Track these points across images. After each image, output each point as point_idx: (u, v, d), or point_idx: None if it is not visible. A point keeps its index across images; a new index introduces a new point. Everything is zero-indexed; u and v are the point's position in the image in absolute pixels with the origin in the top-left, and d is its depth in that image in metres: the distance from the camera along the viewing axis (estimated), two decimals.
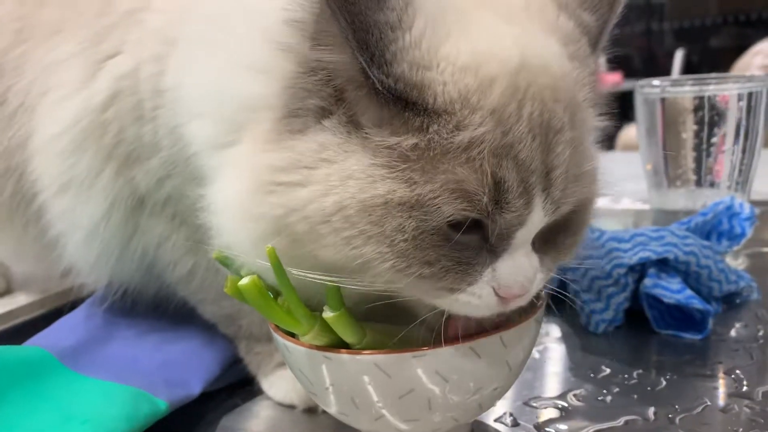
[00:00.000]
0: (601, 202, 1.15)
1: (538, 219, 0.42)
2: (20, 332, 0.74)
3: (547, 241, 0.45)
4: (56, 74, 0.58)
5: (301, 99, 0.41)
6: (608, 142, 0.54)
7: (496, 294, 0.43)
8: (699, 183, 0.95)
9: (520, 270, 0.43)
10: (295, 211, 0.41)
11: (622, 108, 0.54)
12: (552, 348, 0.70)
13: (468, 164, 0.39)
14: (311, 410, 0.60)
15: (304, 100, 0.41)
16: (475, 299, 0.43)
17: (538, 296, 0.51)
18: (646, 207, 1.03)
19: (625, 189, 1.16)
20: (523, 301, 0.45)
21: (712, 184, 0.96)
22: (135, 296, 0.68)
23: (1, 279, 0.86)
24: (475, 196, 0.39)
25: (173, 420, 0.58)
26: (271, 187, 0.41)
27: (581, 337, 0.71)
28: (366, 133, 0.40)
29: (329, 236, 0.40)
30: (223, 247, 0.47)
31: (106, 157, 0.57)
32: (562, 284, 0.75)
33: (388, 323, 0.49)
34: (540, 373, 0.65)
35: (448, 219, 0.40)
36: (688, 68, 2.74)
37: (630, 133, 1.53)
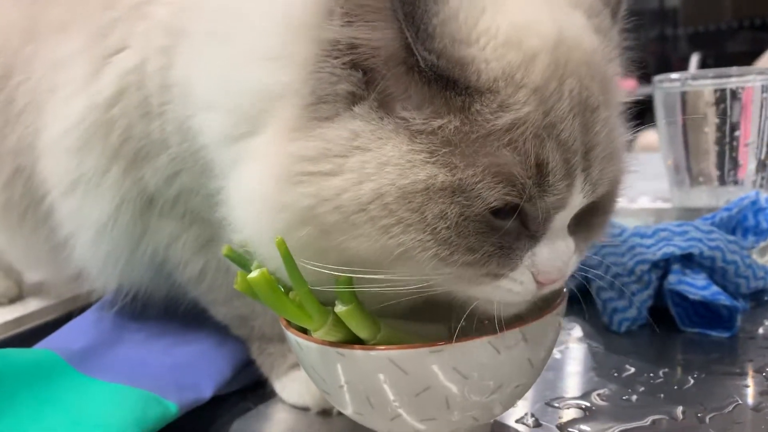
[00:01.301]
0: (624, 202, 1.13)
1: (577, 201, 0.41)
2: (31, 337, 0.73)
3: (579, 223, 0.44)
4: (63, 71, 0.57)
5: (329, 84, 0.39)
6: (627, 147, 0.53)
7: (535, 279, 0.41)
8: (722, 180, 0.93)
9: (558, 254, 0.42)
10: (326, 201, 0.39)
11: (638, 114, 0.52)
12: (574, 348, 0.67)
13: (510, 146, 0.38)
14: (325, 413, 0.58)
15: (334, 85, 0.39)
16: (517, 285, 0.41)
17: (559, 291, 0.49)
18: (668, 206, 1.01)
19: (644, 187, 1.14)
20: (557, 285, 0.44)
21: (735, 182, 0.94)
22: (145, 299, 0.67)
23: (14, 285, 0.85)
24: (519, 180, 0.38)
25: (184, 424, 0.57)
26: (300, 177, 0.39)
27: (604, 337, 0.69)
28: (401, 117, 0.39)
29: (365, 225, 0.39)
30: (243, 242, 0.45)
31: (113, 155, 0.56)
32: (584, 282, 0.74)
33: (404, 320, 0.48)
34: (562, 373, 0.62)
35: (491, 204, 0.38)
36: None
37: (649, 137, 1.51)
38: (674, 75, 0.89)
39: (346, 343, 0.44)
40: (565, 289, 0.49)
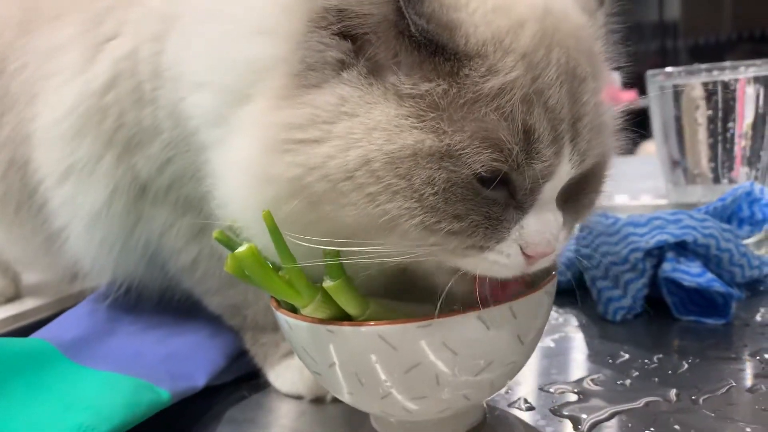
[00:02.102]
0: (620, 199, 1.13)
1: (565, 171, 0.41)
2: (26, 334, 0.73)
3: (567, 200, 0.44)
4: (57, 59, 0.58)
5: (318, 52, 0.40)
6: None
7: (523, 253, 0.41)
8: (716, 176, 0.93)
9: (546, 226, 0.41)
10: (314, 169, 0.39)
11: (638, 125, 0.53)
12: (569, 337, 0.67)
13: (498, 112, 0.38)
14: (319, 400, 0.58)
15: (323, 52, 0.39)
16: (503, 258, 0.41)
17: (549, 270, 0.49)
18: (664, 201, 1.01)
19: (644, 186, 1.14)
20: (548, 261, 0.43)
21: (730, 180, 0.94)
22: (139, 291, 0.67)
23: (11, 283, 0.85)
24: (506, 146, 0.38)
25: (179, 412, 0.57)
26: (287, 146, 0.39)
27: (599, 326, 0.69)
28: (390, 83, 0.39)
29: (352, 194, 0.38)
30: (229, 218, 0.45)
31: (106, 142, 0.56)
32: (578, 271, 0.74)
33: (394, 299, 0.48)
34: (556, 360, 0.62)
35: (479, 170, 0.38)
36: None
37: (648, 148, 1.51)
38: (668, 69, 0.89)
39: (335, 320, 0.44)
40: (554, 272, 0.48)
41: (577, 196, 0.45)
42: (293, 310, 0.46)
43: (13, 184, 0.65)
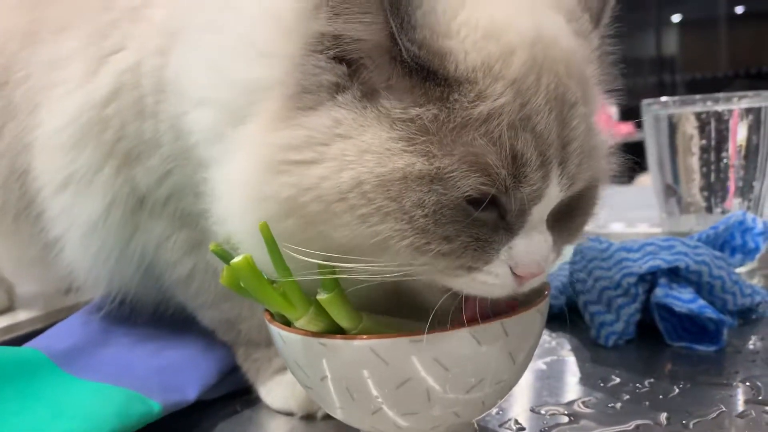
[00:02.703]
0: (615, 227, 1.14)
1: (554, 194, 0.42)
2: (20, 344, 0.73)
3: (557, 221, 0.44)
4: (61, 70, 0.59)
5: (313, 75, 0.40)
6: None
7: (513, 273, 0.42)
8: (709, 206, 0.94)
9: (536, 248, 0.42)
10: (308, 190, 0.39)
11: (635, 158, 0.54)
12: (561, 360, 0.67)
13: (486, 137, 0.39)
14: (309, 417, 0.58)
15: (318, 76, 0.40)
16: (492, 278, 0.42)
17: (541, 290, 0.49)
18: (658, 230, 1.02)
19: (639, 215, 1.15)
20: (537, 282, 0.44)
21: (723, 211, 0.95)
22: (133, 304, 0.67)
23: (5, 295, 0.85)
24: (494, 170, 0.39)
25: (170, 425, 0.57)
26: (282, 167, 0.40)
27: (591, 350, 0.69)
28: (383, 106, 0.40)
29: (344, 215, 0.39)
30: (226, 236, 0.45)
31: (106, 153, 0.57)
32: (572, 296, 0.74)
33: (388, 315, 0.48)
34: (548, 382, 0.62)
35: (467, 193, 0.39)
36: None
37: (644, 180, 1.53)
38: (663, 99, 0.90)
39: (328, 333, 0.45)
40: (546, 291, 0.49)
41: (569, 217, 0.46)
42: (287, 324, 0.47)
43: (12, 193, 0.65)
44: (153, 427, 0.55)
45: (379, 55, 0.40)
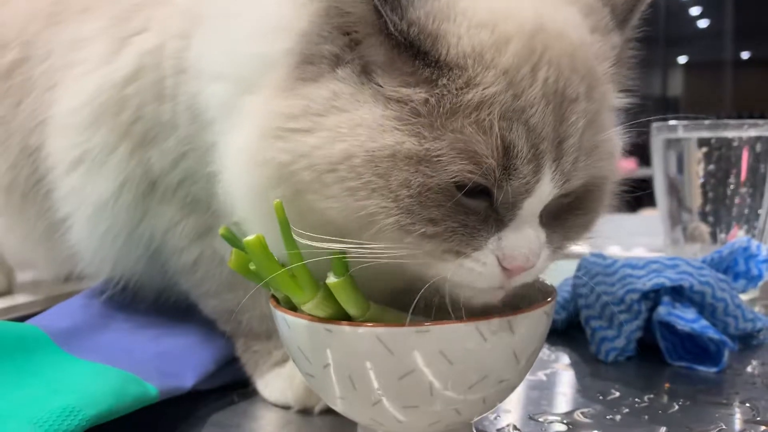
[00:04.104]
0: (614, 251, 1.13)
1: (546, 189, 0.41)
2: None
3: (557, 218, 0.44)
4: (82, 49, 0.59)
5: (315, 44, 0.42)
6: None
7: (501, 264, 0.42)
8: (714, 233, 0.94)
9: (525, 241, 0.42)
10: (301, 157, 0.40)
11: (636, 194, 0.54)
12: (560, 373, 0.67)
13: (477, 125, 0.39)
14: (306, 411, 0.58)
15: (319, 45, 0.42)
16: (479, 266, 0.42)
17: (549, 291, 0.49)
18: (661, 254, 1.02)
19: (639, 241, 1.16)
20: (528, 277, 0.44)
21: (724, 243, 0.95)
22: (136, 290, 0.67)
23: (4, 278, 0.85)
24: (483, 159, 0.39)
25: (165, 413, 0.56)
26: (280, 133, 0.41)
27: (590, 365, 0.69)
28: (378, 84, 0.41)
29: (334, 186, 0.40)
30: (229, 203, 0.47)
31: (122, 134, 0.57)
32: (573, 313, 0.74)
33: (394, 308, 0.48)
34: (547, 392, 0.62)
35: (454, 179, 0.39)
36: None
37: (648, 213, 1.53)
38: (672, 122, 0.91)
39: (334, 320, 0.44)
40: (554, 294, 0.49)
41: (568, 215, 0.46)
42: (291, 309, 0.47)
43: (23, 171, 0.66)
44: (149, 416, 0.55)
45: (369, 27, 0.41)
